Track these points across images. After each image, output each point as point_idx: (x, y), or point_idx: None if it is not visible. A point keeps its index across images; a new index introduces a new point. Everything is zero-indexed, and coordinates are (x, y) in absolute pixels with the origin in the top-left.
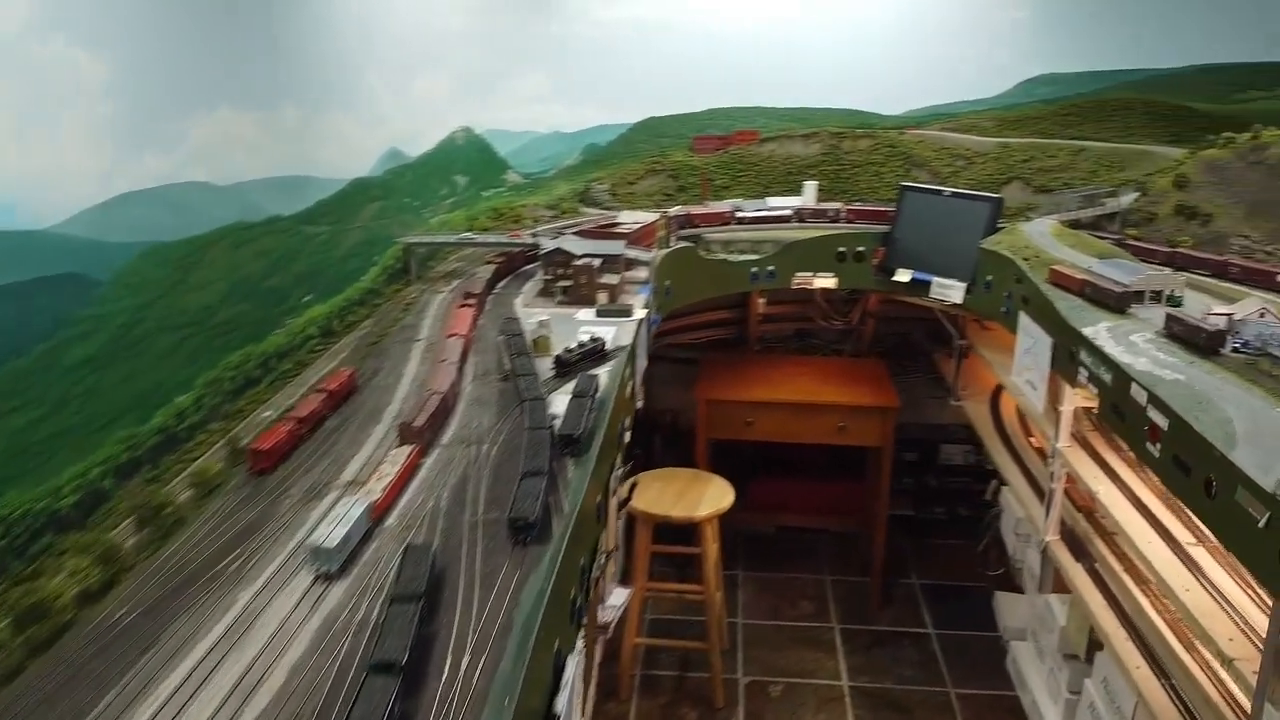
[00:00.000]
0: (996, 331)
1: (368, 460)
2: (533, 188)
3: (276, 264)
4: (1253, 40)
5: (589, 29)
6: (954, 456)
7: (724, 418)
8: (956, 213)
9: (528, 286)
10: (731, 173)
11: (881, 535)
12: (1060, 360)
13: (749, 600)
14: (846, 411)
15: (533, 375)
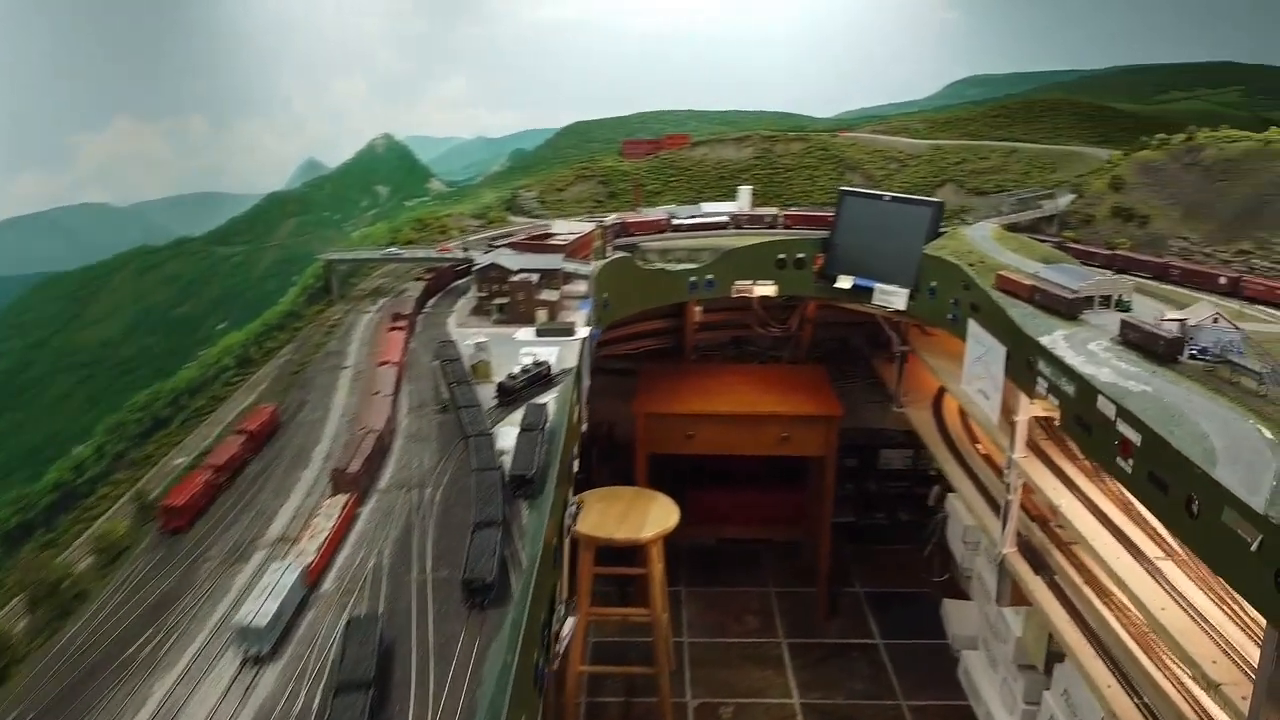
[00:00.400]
0: (938, 336)
1: (297, 511)
2: (458, 196)
3: (186, 290)
4: (1172, 41)
5: (512, 30)
6: (894, 461)
7: (664, 431)
8: (897, 217)
9: (460, 304)
10: (663, 178)
11: (826, 545)
12: (1016, 370)
13: (694, 617)
14: (789, 421)
15: (475, 406)
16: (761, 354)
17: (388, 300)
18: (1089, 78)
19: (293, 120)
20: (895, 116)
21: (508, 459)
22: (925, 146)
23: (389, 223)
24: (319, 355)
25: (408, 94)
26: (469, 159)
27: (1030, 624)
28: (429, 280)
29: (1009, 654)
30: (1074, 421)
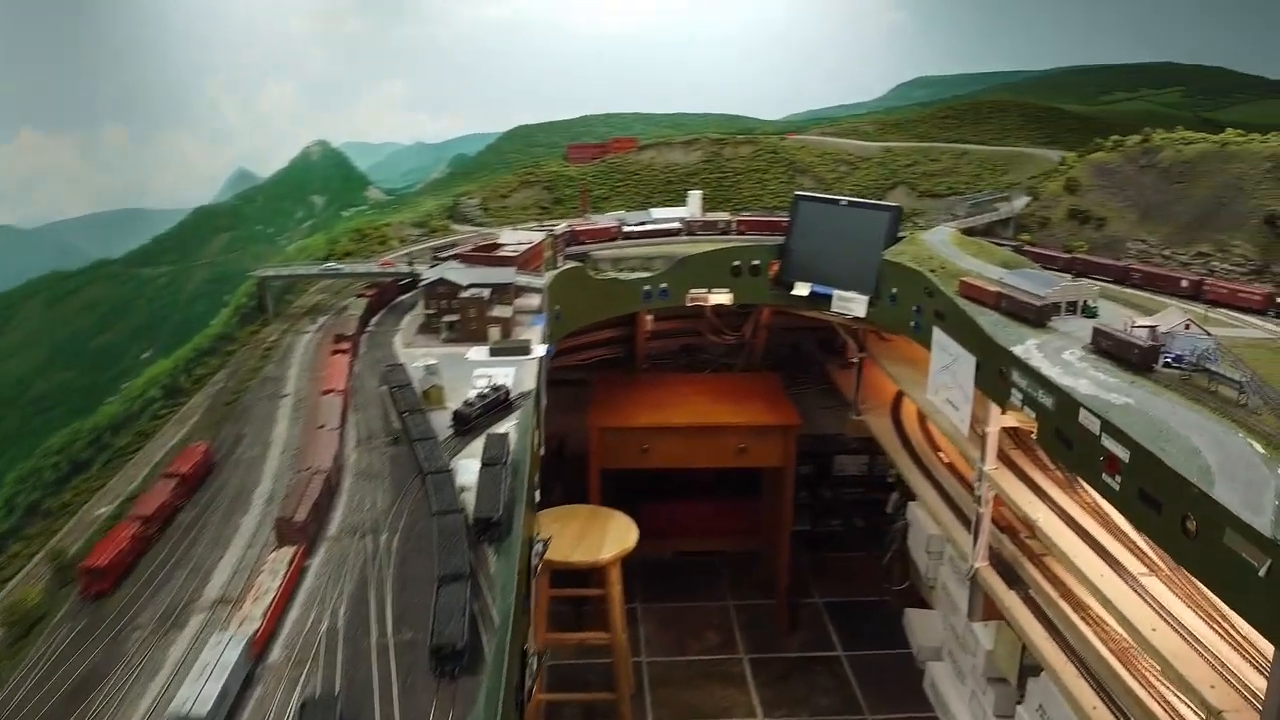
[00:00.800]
0: (896, 342)
1: (238, 566)
2: (397, 204)
3: (107, 318)
4: (1116, 42)
5: (452, 31)
6: (849, 467)
7: (618, 446)
8: (855, 222)
9: (406, 321)
10: (610, 183)
11: (785, 557)
12: (987, 380)
13: (652, 635)
14: (746, 432)
15: (431, 439)
16: (714, 362)
17: (328, 319)
18: (1035, 78)
19: (220, 129)
20: (845, 118)
21: (470, 497)
22: (876, 149)
23: (326, 234)
24: (255, 382)
25: (343, 98)
26: (408, 165)
27: (1002, 638)
28: (371, 297)
29: (979, 667)
30: (1053, 435)
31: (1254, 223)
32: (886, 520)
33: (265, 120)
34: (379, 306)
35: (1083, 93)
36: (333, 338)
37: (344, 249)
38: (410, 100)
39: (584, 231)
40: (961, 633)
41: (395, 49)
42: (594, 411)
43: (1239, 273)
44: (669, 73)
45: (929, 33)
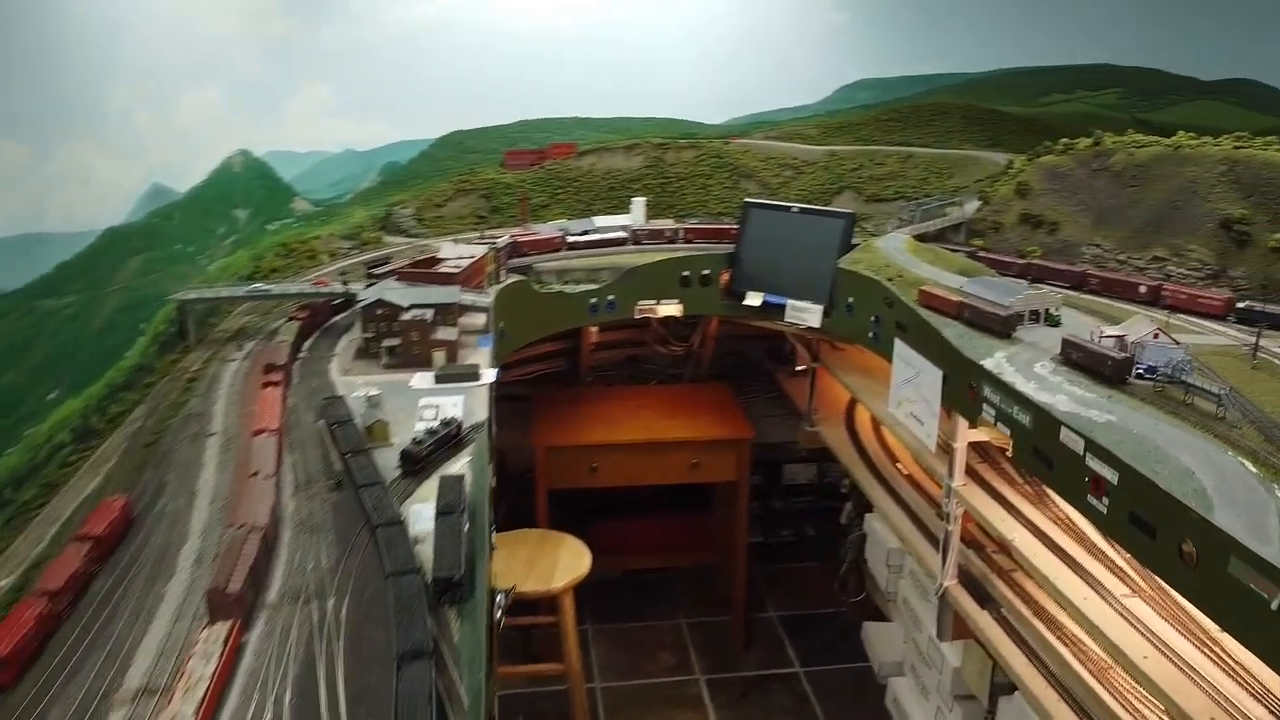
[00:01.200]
0: (849, 350)
1: (164, 647)
2: (325, 216)
3: (3, 358)
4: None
5: (378, 34)
6: (798, 476)
7: (565, 465)
8: (807, 230)
9: (343, 345)
10: (549, 190)
11: (742, 574)
12: (955, 395)
13: (604, 658)
14: (698, 447)
15: (378, 484)
16: (660, 372)
17: (257, 344)
18: (975, 81)
19: (132, 140)
20: (788, 122)
21: (426, 549)
22: (821, 153)
23: (250, 250)
24: (178, 419)
25: (267, 104)
26: (336, 174)
27: (971, 655)
28: (303, 319)
29: (945, 684)
30: (1031, 454)
31: (1209, 226)
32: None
33: (184, 130)
34: (311, 329)
35: (1022, 94)
36: (262, 367)
37: (270, 265)
38: (338, 105)
39: (527, 242)
40: (925, 648)
41: (322, 51)
42: (538, 429)
43: (1195, 277)
44: (609, 76)
45: (871, 35)
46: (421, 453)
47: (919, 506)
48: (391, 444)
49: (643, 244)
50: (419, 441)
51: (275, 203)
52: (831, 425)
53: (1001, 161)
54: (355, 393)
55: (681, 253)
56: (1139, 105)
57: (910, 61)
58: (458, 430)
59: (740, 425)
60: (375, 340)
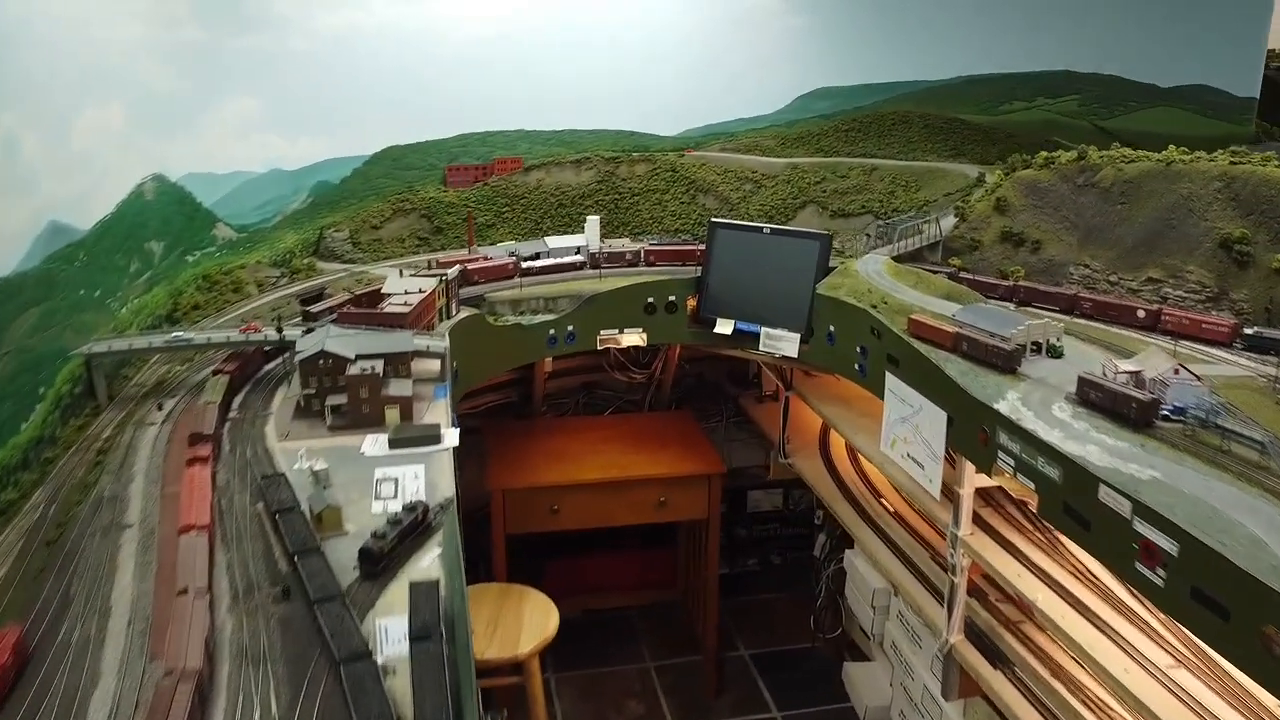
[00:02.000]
0: (822, 377)
1: None
2: (251, 242)
3: None
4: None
5: (307, 42)
6: (763, 503)
7: (524, 508)
8: (780, 253)
9: (279, 402)
10: (495, 208)
11: (713, 616)
12: (964, 440)
13: (568, 710)
14: (665, 484)
15: (336, 597)
16: (618, 400)
17: (179, 403)
18: (934, 89)
19: (20, 172)
20: (744, 133)
21: (399, 684)
22: (781, 165)
23: (168, 285)
24: (86, 505)
25: (182, 121)
26: (262, 196)
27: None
28: (232, 371)
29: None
30: (1062, 512)
31: (1207, 246)
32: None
33: (84, 157)
34: (241, 382)
35: (982, 102)
36: (187, 437)
37: (190, 301)
38: (262, 120)
39: (478, 270)
40: (920, 699)
41: (244, 61)
42: (493, 470)
43: (1194, 300)
44: (554, 86)
45: (829, 40)
46: (384, 549)
47: (910, 548)
48: (346, 532)
49: (602, 268)
50: (380, 536)
51: (195, 231)
52: (806, 457)
53: (970, 174)
54: (298, 464)
55: (644, 277)
56: (1098, 112)
57: (869, 69)
58: (424, 514)
59: (710, 458)
60: (317, 397)
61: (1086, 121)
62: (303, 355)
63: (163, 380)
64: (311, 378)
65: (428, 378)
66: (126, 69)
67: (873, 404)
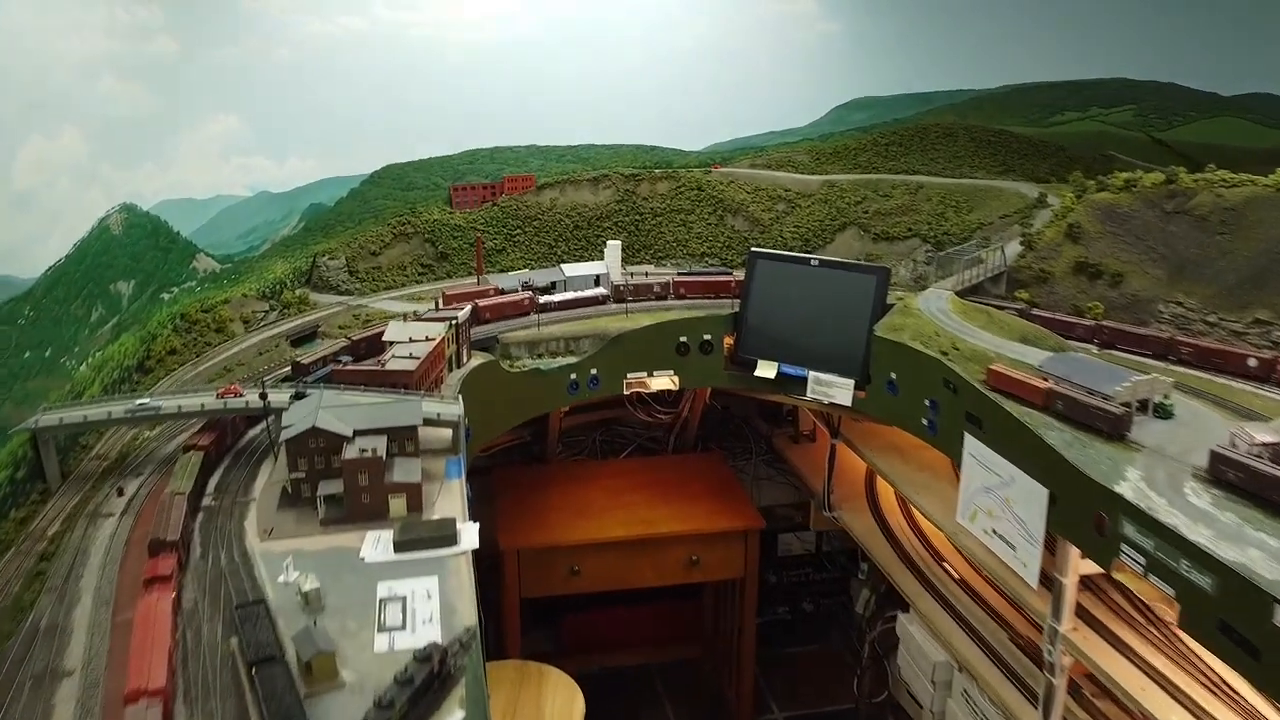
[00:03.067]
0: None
1: None
2: (236, 274)
3: None
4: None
5: (293, 51)
6: (794, 546)
7: (541, 569)
8: (830, 287)
9: (263, 485)
10: (504, 231)
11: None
12: (1071, 524)
13: None
14: (698, 542)
15: None
16: (639, 438)
17: (144, 483)
18: (980, 98)
19: None
20: (775, 147)
21: None
22: (816, 183)
23: (139, 331)
24: (19, 638)
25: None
26: (248, 222)
27: None
28: (207, 446)
29: None
30: (1216, 630)
31: None
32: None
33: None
34: (218, 459)
35: (1031, 113)
36: (148, 545)
37: (165, 346)
38: (246, 139)
39: (490, 308)
40: None
41: (223, 74)
42: (505, 525)
43: None
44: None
45: (866, 47)
46: (397, 716)
47: (982, 623)
48: (342, 684)
49: (628, 301)
50: (386, 705)
51: (172, 265)
52: (853, 510)
53: (1028, 193)
54: (283, 576)
55: (674, 312)
56: (1155, 123)
57: (910, 78)
58: (440, 662)
59: (746, 511)
60: (307, 482)
61: (1142, 133)
62: (290, 432)
63: (127, 452)
64: (301, 459)
65: (438, 449)
66: (85, 89)
67: (933, 454)
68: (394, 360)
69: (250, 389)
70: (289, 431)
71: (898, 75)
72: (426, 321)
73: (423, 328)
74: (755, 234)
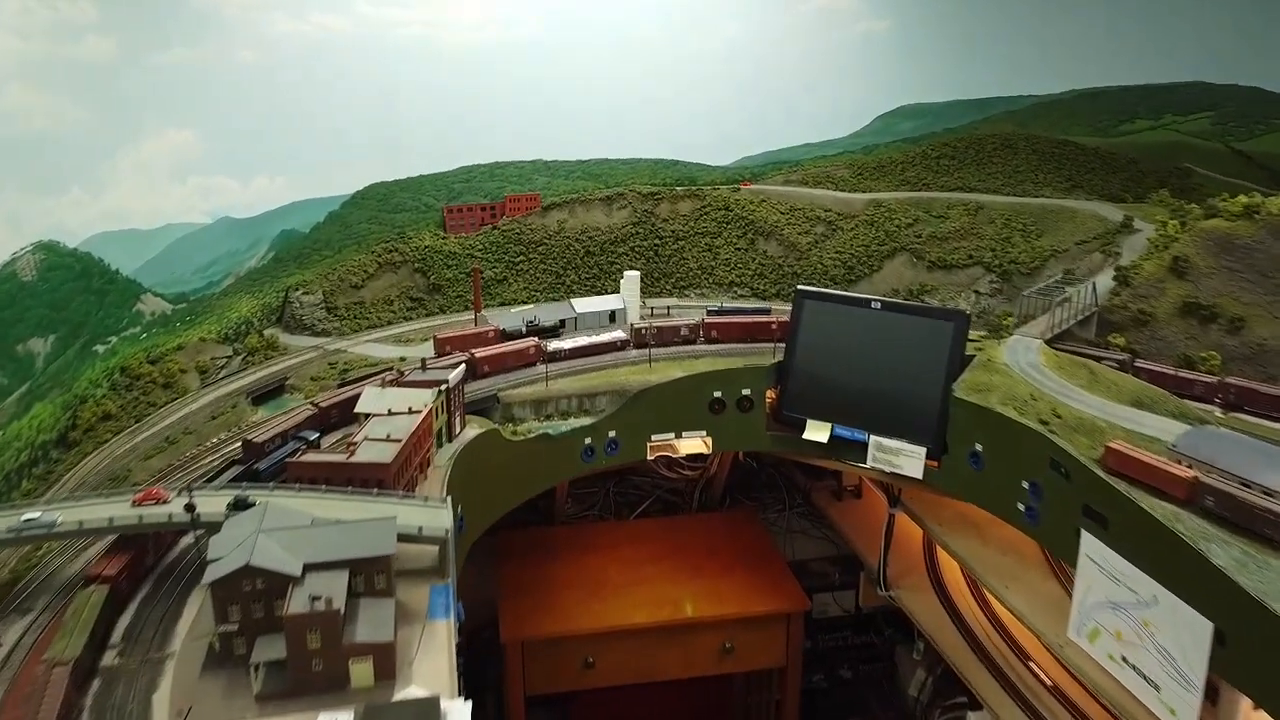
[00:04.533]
0: None
1: None
2: (192, 314)
3: None
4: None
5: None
6: (830, 607)
7: (550, 663)
8: (895, 335)
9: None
10: (506, 258)
11: None
12: (1245, 670)
13: None
14: (733, 627)
15: None
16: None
17: (27, 633)
18: (1042, 105)
19: None
20: (811, 161)
21: None
22: (860, 202)
23: (60, 399)
24: None
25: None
26: (207, 254)
27: None
28: (115, 577)
29: None
30: None
31: None
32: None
33: None
34: (130, 590)
35: (1099, 122)
36: None
37: (97, 411)
38: (203, 157)
39: (489, 359)
40: None
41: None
42: (509, 606)
43: None
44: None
45: (915, 47)
46: None
47: None
48: None
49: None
50: None
51: (109, 310)
52: (913, 588)
53: (1109, 216)
54: None
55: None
56: (1235, 131)
57: (963, 82)
58: None
59: (790, 590)
60: (241, 636)
61: (1220, 143)
62: (219, 570)
63: (18, 576)
64: (232, 606)
65: (418, 569)
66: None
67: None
68: (366, 447)
69: (179, 492)
70: (217, 569)
71: (950, 79)
72: (410, 385)
73: (405, 395)
74: (791, 260)
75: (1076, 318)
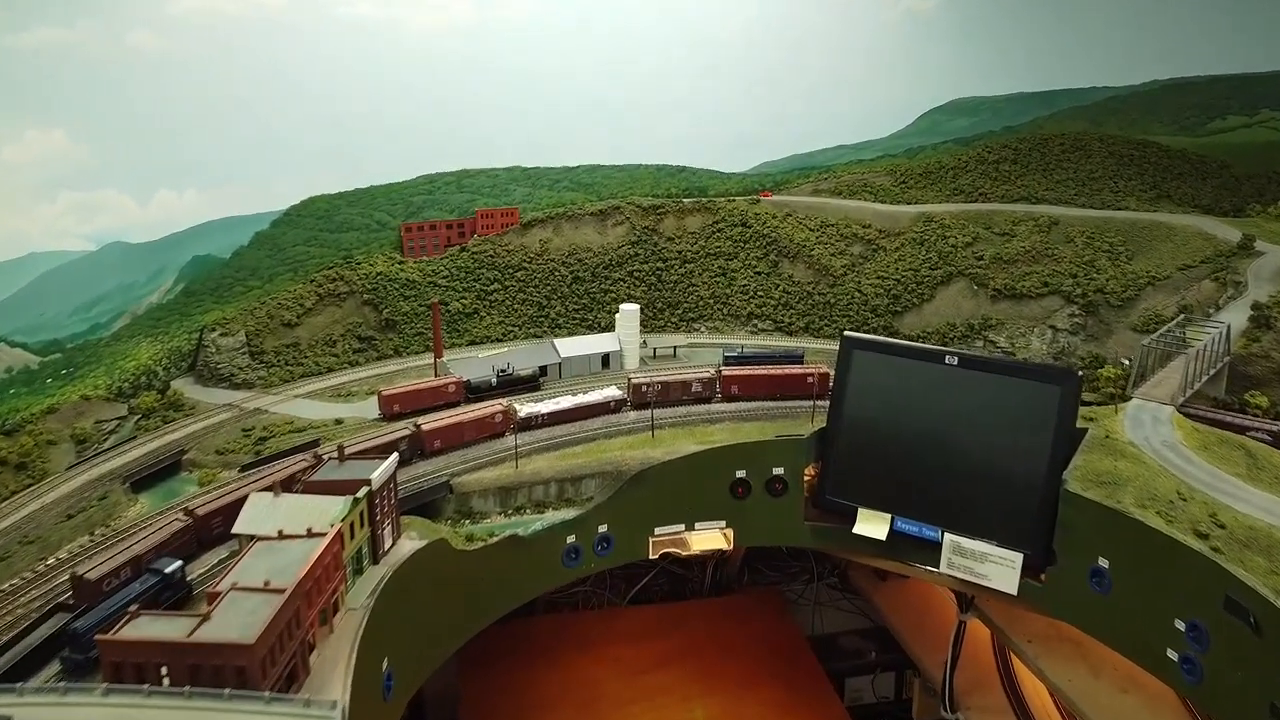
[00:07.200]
0: None
1: None
2: (71, 365)
3: None
4: (1226, 47)
5: (160, 37)
6: (864, 693)
7: None
8: (979, 399)
9: None
10: (476, 286)
11: None
12: None
13: None
14: None
15: None
16: (656, 567)
17: None
18: (1117, 99)
19: None
20: (845, 166)
21: None
22: (907, 216)
23: None
24: None
25: None
26: (94, 288)
27: None
28: None
29: None
30: None
31: None
32: None
33: None
34: None
35: (1183, 118)
36: None
37: None
38: (83, 166)
39: (439, 432)
40: None
41: (37, 68)
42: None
43: None
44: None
45: (968, 30)
46: None
47: None
48: None
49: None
50: None
51: None
52: (989, 712)
53: (1219, 234)
54: None
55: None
56: None
57: (1024, 72)
58: None
59: (827, 701)
60: None
61: None
62: None
63: None
64: None
65: None
66: None
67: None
68: (229, 606)
69: None
70: None
71: (1010, 69)
72: (316, 492)
73: (304, 507)
74: (822, 287)
75: (1208, 373)
